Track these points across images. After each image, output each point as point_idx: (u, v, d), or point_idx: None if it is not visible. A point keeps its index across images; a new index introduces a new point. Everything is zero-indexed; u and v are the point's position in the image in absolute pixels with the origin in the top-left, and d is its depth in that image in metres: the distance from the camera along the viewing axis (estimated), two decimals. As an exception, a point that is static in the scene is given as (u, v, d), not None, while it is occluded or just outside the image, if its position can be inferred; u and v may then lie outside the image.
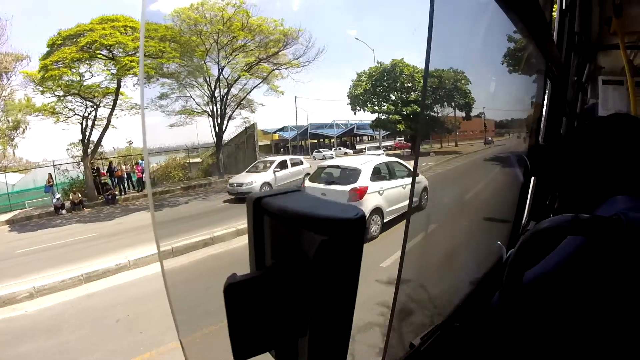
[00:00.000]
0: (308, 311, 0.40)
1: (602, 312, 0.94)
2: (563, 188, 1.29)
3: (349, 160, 12.03)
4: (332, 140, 40.44)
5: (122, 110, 18.77)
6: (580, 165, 1.15)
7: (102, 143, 19.77)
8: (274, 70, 20.68)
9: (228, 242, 9.20)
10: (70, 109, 17.88)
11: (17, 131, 19.99)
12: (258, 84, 20.77)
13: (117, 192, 18.58)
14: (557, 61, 1.93)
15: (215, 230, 9.70)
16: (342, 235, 0.37)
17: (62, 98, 17.39)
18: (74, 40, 16.53)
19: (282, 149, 37.66)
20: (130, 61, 16.48)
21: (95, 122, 18.34)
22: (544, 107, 2.12)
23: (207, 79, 18.79)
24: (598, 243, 0.89)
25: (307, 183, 10.62)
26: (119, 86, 17.60)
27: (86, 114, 18.22)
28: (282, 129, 39.19)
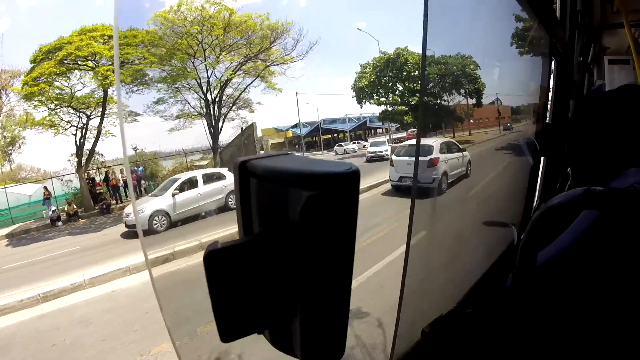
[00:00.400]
0: (300, 282, 0.36)
1: (621, 290, 0.90)
2: (575, 165, 1.26)
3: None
4: (347, 134, 40.25)
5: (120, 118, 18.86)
6: (591, 140, 1.11)
7: (101, 152, 19.87)
8: (267, 67, 20.25)
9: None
10: (67, 121, 18.07)
11: (13, 147, 20.25)
12: (250, 83, 20.30)
13: (112, 202, 18.62)
14: (562, 40, 1.88)
15: (203, 236, 9.64)
16: (332, 190, 0.33)
17: (52, 111, 17.57)
18: (55, 54, 16.69)
19: (296, 146, 37.62)
20: (106, 70, 16.48)
21: (88, 132, 18.48)
22: (551, 88, 2.08)
23: (199, 82, 18.58)
24: (614, 216, 0.85)
25: (394, 157, 11.13)
26: (105, 95, 17.66)
27: (80, 125, 18.39)
28: (294, 126, 39.16)
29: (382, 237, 7.84)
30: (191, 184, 13.74)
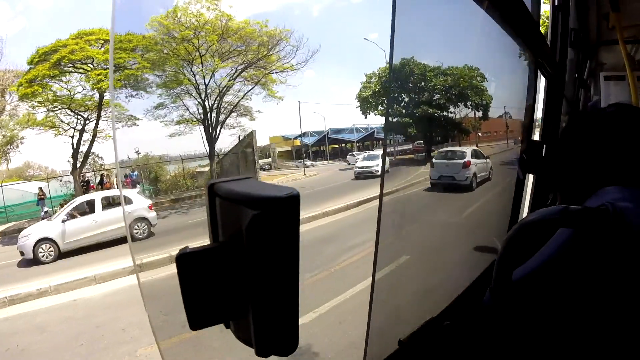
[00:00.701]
0: (252, 284, 0.44)
1: (593, 306, 0.93)
2: (560, 182, 1.28)
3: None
4: (354, 144, 40.13)
5: (119, 122, 18.90)
6: (577, 158, 1.13)
7: (101, 155, 19.94)
8: (266, 74, 20.03)
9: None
10: (67, 123, 18.26)
11: (10, 146, 20.42)
12: (249, 91, 20.14)
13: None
14: (550, 58, 1.92)
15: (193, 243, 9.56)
16: (272, 210, 0.41)
17: (51, 112, 17.75)
18: (50, 56, 16.89)
19: (303, 154, 37.64)
20: (98, 74, 16.63)
21: (88, 135, 18.54)
22: (541, 105, 2.11)
23: (197, 88, 18.48)
24: (586, 234, 0.88)
25: (434, 160, 11.63)
26: (100, 98, 17.76)
27: (78, 127, 18.55)
28: (302, 135, 39.20)
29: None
30: (90, 206, 12.42)
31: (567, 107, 2.92)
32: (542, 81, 2.03)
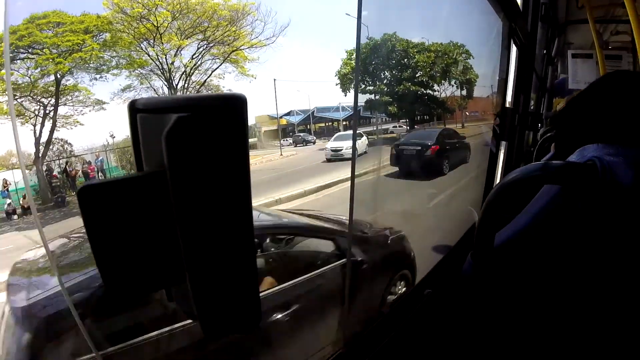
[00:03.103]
0: (182, 230, 0.30)
1: (579, 266, 0.90)
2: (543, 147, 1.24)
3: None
4: (341, 122, 39.86)
5: (87, 106, 18.21)
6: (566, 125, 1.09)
7: (70, 142, 19.19)
8: (234, 50, 19.32)
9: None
10: (32, 111, 17.45)
11: None
12: (216, 69, 19.01)
13: (70, 193, 18.04)
14: (523, 26, 1.91)
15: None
16: (206, 114, 0.28)
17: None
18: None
19: (289, 134, 37.04)
20: (45, 59, 16.04)
21: (58, 122, 17.81)
22: (513, 77, 2.11)
23: (161, 67, 17.96)
24: (572, 191, 0.85)
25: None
26: (57, 85, 17.07)
27: (40, 114, 17.82)
28: (288, 114, 38.48)
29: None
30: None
31: (536, 82, 2.95)
32: (513, 52, 2.02)
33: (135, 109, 0.36)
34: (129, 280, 0.32)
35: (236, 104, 0.29)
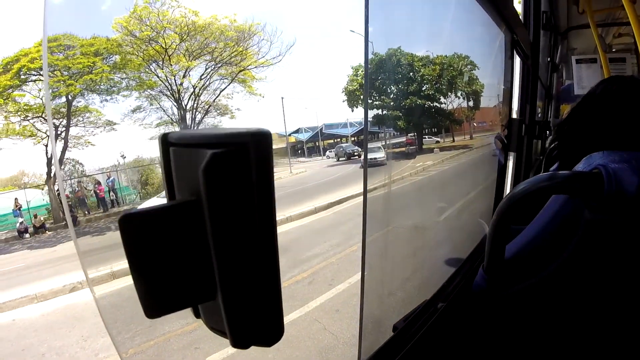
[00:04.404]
0: (216, 252, 0.34)
1: (592, 277, 0.90)
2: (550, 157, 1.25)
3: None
4: (350, 138, 39.79)
5: (98, 127, 18.37)
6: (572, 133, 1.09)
7: (81, 162, 19.37)
8: (241, 70, 19.22)
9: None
10: (44, 131, 17.62)
11: None
12: (224, 89, 19.35)
13: (80, 213, 18.02)
14: (525, 36, 1.93)
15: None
16: (237, 149, 0.33)
17: (25, 120, 17.13)
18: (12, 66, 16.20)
19: (298, 151, 37.13)
20: (56, 81, 16.07)
21: (67, 142, 17.91)
22: (517, 88, 2.12)
23: (171, 89, 17.76)
24: (580, 200, 0.85)
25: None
26: (69, 106, 17.14)
27: (53, 134, 18.00)
28: (296, 131, 38.65)
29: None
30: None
31: (542, 90, 2.96)
32: (517, 63, 2.04)
33: (168, 142, 0.39)
34: (163, 299, 0.36)
35: (262, 139, 0.33)
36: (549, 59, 3.33)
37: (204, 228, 0.34)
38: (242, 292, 0.35)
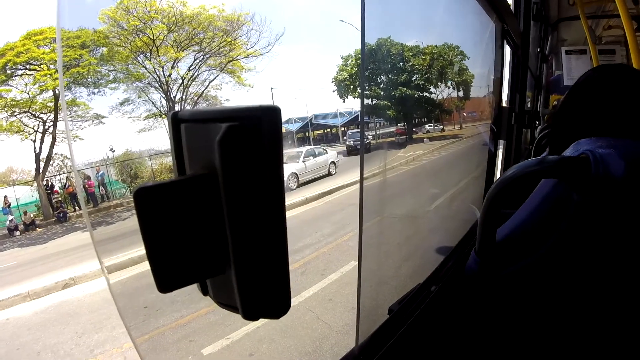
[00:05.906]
0: (229, 226, 0.36)
1: (580, 260, 0.93)
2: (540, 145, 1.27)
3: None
4: (340, 129, 39.40)
5: (86, 121, 17.99)
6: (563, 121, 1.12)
7: (69, 157, 18.99)
8: (230, 61, 18.73)
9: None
10: (32, 127, 17.26)
11: None
12: (212, 80, 18.88)
13: (70, 209, 17.79)
14: (515, 26, 1.95)
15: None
16: (252, 123, 0.34)
17: (12, 116, 16.73)
18: None
19: (289, 142, 36.87)
20: (43, 75, 15.68)
21: (49, 137, 17.56)
22: (507, 78, 2.15)
23: (159, 80, 17.27)
24: (567, 184, 0.87)
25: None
26: (56, 100, 16.61)
27: (40, 130, 17.63)
28: (286, 122, 38.17)
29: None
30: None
31: (532, 80, 2.99)
32: (507, 52, 2.07)
33: (179, 119, 0.40)
34: (175, 273, 0.37)
35: (273, 114, 0.35)
36: (539, 50, 3.37)
37: (217, 202, 0.36)
38: (253, 265, 0.36)
